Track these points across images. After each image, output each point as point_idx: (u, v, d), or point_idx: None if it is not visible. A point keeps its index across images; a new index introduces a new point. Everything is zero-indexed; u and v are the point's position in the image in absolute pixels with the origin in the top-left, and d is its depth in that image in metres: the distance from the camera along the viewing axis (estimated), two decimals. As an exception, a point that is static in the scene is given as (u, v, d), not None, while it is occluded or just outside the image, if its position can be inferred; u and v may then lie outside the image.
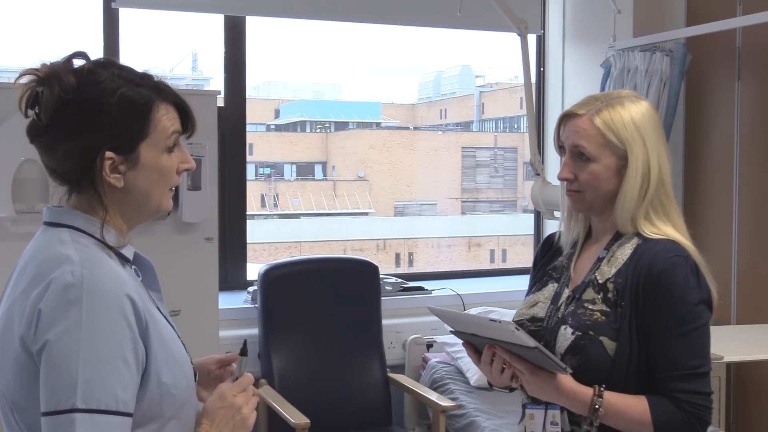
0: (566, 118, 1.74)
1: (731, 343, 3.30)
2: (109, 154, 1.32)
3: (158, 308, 1.40)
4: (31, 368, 1.25)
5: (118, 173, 1.33)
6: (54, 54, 1.36)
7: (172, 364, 1.33)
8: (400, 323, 3.88)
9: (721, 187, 3.89)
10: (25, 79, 1.32)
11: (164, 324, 1.37)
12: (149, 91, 1.35)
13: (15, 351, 1.26)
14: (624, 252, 1.70)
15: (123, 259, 1.37)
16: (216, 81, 4.09)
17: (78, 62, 1.35)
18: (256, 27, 3.94)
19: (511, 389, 1.76)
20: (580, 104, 1.73)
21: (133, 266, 1.41)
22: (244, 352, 1.53)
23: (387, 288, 3.96)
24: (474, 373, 3.57)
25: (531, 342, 1.54)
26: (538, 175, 3.76)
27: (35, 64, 1.33)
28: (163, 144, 1.36)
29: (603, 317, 1.66)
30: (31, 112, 1.33)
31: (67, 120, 1.30)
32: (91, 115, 1.30)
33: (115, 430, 1.23)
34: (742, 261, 3.81)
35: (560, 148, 1.77)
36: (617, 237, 1.73)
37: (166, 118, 1.36)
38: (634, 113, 1.70)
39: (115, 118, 1.31)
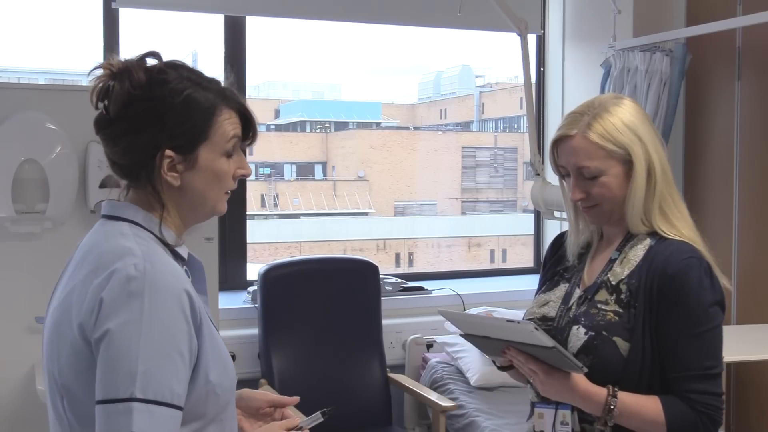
0: (559, 141, 1.73)
1: (731, 343, 3.27)
2: (168, 152, 1.34)
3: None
4: (87, 356, 1.25)
5: (175, 172, 1.36)
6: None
7: (219, 364, 1.35)
8: (400, 323, 3.88)
9: (721, 186, 3.89)
10: (98, 72, 1.35)
11: (211, 325, 1.39)
12: (215, 95, 1.38)
13: (72, 338, 1.27)
14: (636, 253, 1.71)
15: (178, 258, 1.39)
16: (216, 81, 4.08)
17: (151, 61, 1.38)
18: (256, 27, 3.94)
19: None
20: (568, 124, 1.72)
21: (185, 267, 1.42)
22: (324, 414, 1.56)
23: (387, 288, 3.97)
24: (474, 373, 3.57)
25: (549, 342, 1.55)
26: (538, 175, 3.76)
27: (112, 59, 1.36)
28: (222, 148, 1.38)
29: (616, 318, 1.67)
30: (101, 105, 1.36)
31: (132, 115, 1.33)
32: (156, 113, 1.33)
33: (169, 422, 1.24)
34: (742, 261, 3.81)
35: (560, 168, 1.76)
36: (629, 238, 1.74)
37: (227, 123, 1.39)
38: (622, 115, 1.70)
39: (179, 118, 1.34)
